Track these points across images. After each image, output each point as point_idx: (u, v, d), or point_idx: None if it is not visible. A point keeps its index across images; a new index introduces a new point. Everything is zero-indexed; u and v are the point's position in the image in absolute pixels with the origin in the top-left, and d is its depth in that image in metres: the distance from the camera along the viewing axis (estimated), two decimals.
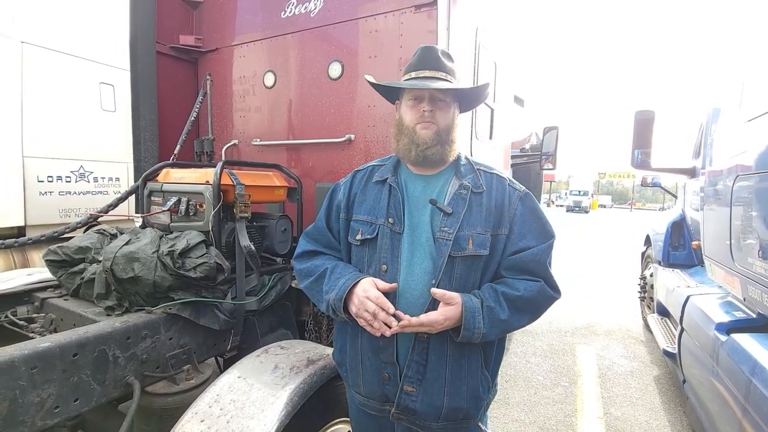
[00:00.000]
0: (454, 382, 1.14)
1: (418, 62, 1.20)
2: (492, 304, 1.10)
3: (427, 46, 1.22)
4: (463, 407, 1.16)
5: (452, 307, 1.07)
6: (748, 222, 1.87)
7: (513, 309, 1.12)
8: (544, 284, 1.15)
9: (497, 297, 1.12)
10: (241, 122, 2.81)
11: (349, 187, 1.30)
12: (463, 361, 1.15)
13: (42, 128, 3.64)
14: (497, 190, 1.19)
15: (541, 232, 1.19)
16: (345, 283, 1.14)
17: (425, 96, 1.16)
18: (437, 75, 1.17)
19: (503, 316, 1.10)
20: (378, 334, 1.09)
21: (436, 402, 1.14)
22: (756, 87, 1.98)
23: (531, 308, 1.16)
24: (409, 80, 1.19)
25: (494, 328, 1.10)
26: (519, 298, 1.12)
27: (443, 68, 1.19)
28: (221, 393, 1.39)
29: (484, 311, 1.09)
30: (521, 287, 1.13)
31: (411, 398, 1.14)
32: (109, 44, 4.02)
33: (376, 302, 1.07)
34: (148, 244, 1.62)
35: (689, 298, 2.64)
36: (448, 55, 1.23)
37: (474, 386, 1.17)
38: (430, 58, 1.19)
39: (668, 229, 4.31)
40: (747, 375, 1.62)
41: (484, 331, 1.08)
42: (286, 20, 2.53)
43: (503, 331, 1.13)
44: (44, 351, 1.21)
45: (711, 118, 3.46)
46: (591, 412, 3.01)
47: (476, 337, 1.08)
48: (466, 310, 1.07)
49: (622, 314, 5.46)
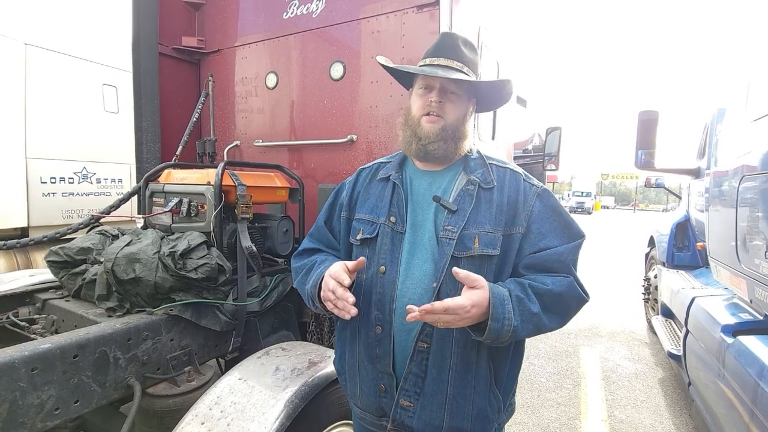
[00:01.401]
0: (457, 399, 1.02)
1: (435, 49, 1.11)
2: (521, 295, 0.96)
3: (448, 33, 1.14)
4: (466, 428, 1.03)
5: (478, 291, 0.91)
6: (754, 223, 1.85)
7: (543, 305, 0.98)
8: (573, 280, 1.02)
9: (524, 288, 0.98)
10: (243, 123, 2.81)
11: (353, 185, 1.23)
12: (468, 376, 1.02)
13: (45, 129, 3.66)
14: (510, 185, 1.08)
15: (564, 231, 1.06)
16: (321, 271, 1.07)
17: (435, 85, 1.07)
18: (452, 64, 1.07)
19: (535, 309, 0.96)
20: (344, 316, 0.97)
21: (434, 420, 1.02)
22: (761, 87, 1.96)
23: (560, 307, 1.02)
24: (423, 66, 1.10)
25: (526, 323, 0.95)
26: (548, 293, 0.98)
27: (461, 58, 1.08)
28: (222, 395, 1.39)
29: (513, 300, 0.94)
30: (549, 281, 1.00)
31: (408, 414, 1.04)
32: (112, 46, 4.04)
33: (335, 277, 0.98)
34: (150, 245, 1.62)
35: (694, 300, 2.62)
36: (470, 44, 1.13)
37: (481, 406, 1.03)
38: (449, 46, 1.09)
39: (672, 230, 4.29)
40: (754, 378, 1.60)
41: (516, 323, 0.93)
42: (288, 21, 2.53)
43: (536, 328, 0.98)
44: (45, 352, 1.20)
45: (716, 118, 3.43)
46: (595, 415, 2.99)
47: (506, 332, 0.92)
48: (494, 297, 0.92)
49: (626, 316, 5.42)
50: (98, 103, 4.09)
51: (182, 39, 2.79)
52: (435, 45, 1.12)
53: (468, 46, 1.12)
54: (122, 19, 2.99)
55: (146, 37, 2.48)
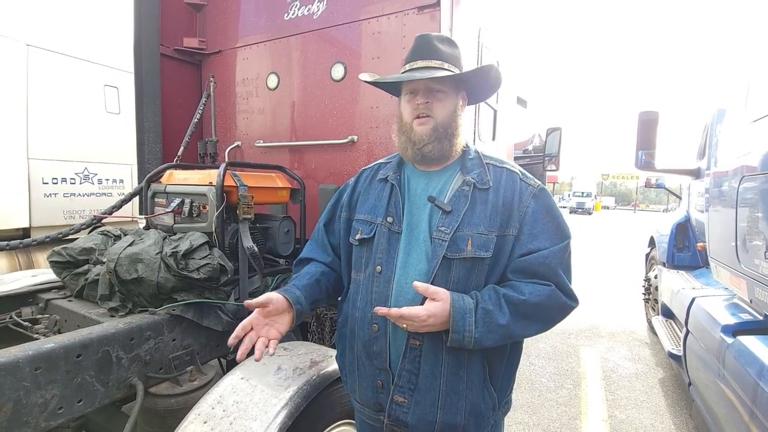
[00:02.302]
0: (450, 395, 1.04)
1: (412, 53, 1.12)
2: (490, 307, 0.99)
3: (421, 35, 1.13)
4: (459, 424, 1.05)
5: (437, 303, 0.97)
6: (754, 223, 1.86)
7: (516, 314, 1.00)
8: (555, 289, 1.03)
9: (498, 299, 1.00)
10: (245, 124, 2.82)
11: (354, 186, 1.26)
12: (461, 373, 1.04)
13: (47, 130, 3.67)
14: (506, 185, 1.08)
15: (555, 233, 1.06)
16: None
17: (420, 88, 1.08)
18: (431, 64, 1.08)
19: (502, 321, 0.98)
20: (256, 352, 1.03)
21: (428, 416, 1.05)
22: (761, 87, 1.97)
23: (539, 315, 1.03)
24: (403, 73, 1.11)
25: (490, 333, 0.98)
26: (523, 303, 1.00)
27: (439, 56, 1.09)
28: (224, 394, 1.39)
29: (477, 313, 0.98)
30: (527, 291, 1.01)
31: (402, 409, 1.06)
32: (114, 47, 4.05)
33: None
34: (152, 245, 1.62)
35: (694, 300, 2.62)
36: (446, 40, 1.13)
37: (475, 402, 1.06)
38: (424, 47, 1.10)
39: (673, 230, 4.29)
40: (754, 378, 1.60)
41: (477, 335, 0.97)
42: (289, 22, 2.54)
43: (503, 337, 1.01)
44: (48, 352, 1.21)
45: (716, 118, 3.43)
46: (595, 415, 2.99)
47: (468, 342, 0.97)
48: (455, 310, 0.97)
49: (626, 316, 5.43)
50: (100, 103, 4.10)
51: (184, 40, 2.80)
52: (411, 49, 1.13)
53: (444, 42, 1.12)
54: (124, 20, 3.00)
55: (148, 38, 2.49)
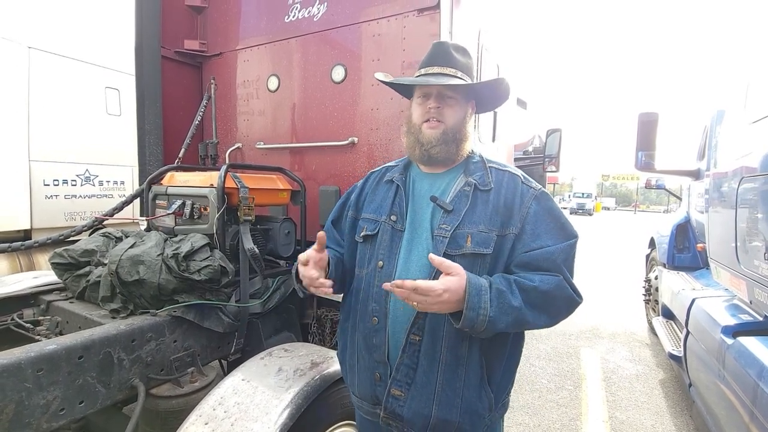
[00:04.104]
0: (446, 391, 1.05)
1: (429, 58, 1.17)
2: (503, 288, 0.98)
3: (439, 42, 1.20)
4: (454, 421, 1.06)
5: (453, 278, 0.94)
6: (754, 224, 1.86)
7: (527, 301, 0.99)
8: (563, 279, 1.04)
9: (509, 283, 1.00)
10: (245, 126, 2.82)
11: (362, 187, 1.31)
12: (459, 370, 1.05)
13: (48, 132, 3.68)
14: (508, 187, 1.12)
15: (558, 232, 1.08)
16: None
17: (432, 93, 1.13)
18: (446, 71, 1.13)
19: (515, 303, 0.97)
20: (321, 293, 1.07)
21: (423, 410, 1.06)
22: (760, 88, 1.97)
23: (548, 305, 1.02)
24: (418, 77, 1.16)
25: (504, 315, 0.96)
26: (534, 289, 0.99)
27: (454, 64, 1.14)
28: (225, 395, 1.40)
29: (492, 292, 0.96)
30: (537, 279, 1.01)
31: (399, 403, 1.08)
32: (115, 49, 4.06)
33: (299, 260, 1.08)
34: (153, 247, 1.63)
35: (695, 301, 2.62)
36: (462, 49, 1.18)
37: (471, 400, 1.06)
38: (441, 54, 1.15)
39: (673, 231, 4.29)
40: (754, 378, 1.60)
41: (491, 314, 0.94)
42: (289, 24, 2.55)
43: (516, 322, 0.98)
44: (50, 353, 1.22)
45: (715, 119, 3.44)
46: (596, 416, 2.99)
47: (481, 322, 0.94)
48: (471, 286, 0.94)
49: (627, 317, 5.42)
50: (101, 105, 4.11)
51: (185, 42, 2.81)
52: (428, 55, 1.17)
53: (460, 52, 1.17)
54: (125, 22, 3.01)
55: (149, 40, 2.50)
